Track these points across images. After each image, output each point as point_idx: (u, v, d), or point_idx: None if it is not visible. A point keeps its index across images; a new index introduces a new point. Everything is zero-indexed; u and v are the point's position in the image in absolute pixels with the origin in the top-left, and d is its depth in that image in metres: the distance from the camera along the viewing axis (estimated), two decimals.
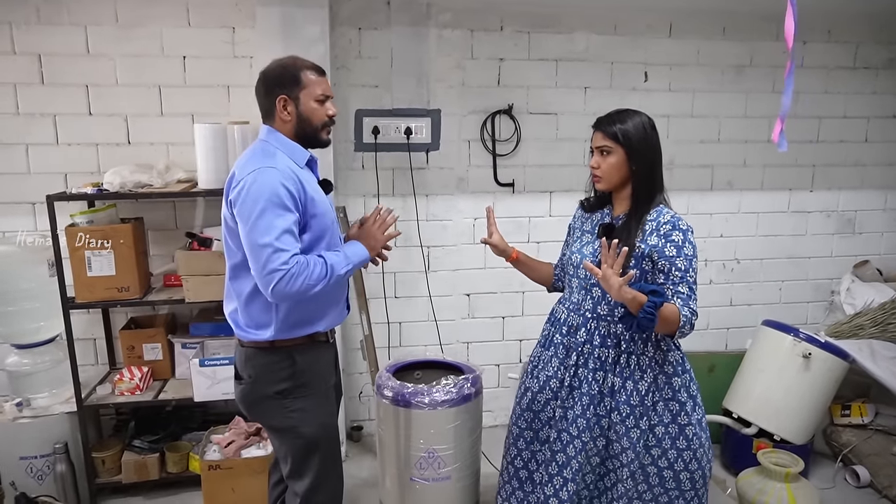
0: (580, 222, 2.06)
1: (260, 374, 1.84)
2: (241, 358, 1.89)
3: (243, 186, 1.67)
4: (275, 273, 1.64)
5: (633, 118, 1.88)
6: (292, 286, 1.65)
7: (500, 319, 3.42)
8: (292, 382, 1.83)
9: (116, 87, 2.87)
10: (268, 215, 1.64)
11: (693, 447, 1.93)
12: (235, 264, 1.80)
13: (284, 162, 1.74)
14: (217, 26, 2.88)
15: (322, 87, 1.80)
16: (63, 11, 2.77)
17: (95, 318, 3.00)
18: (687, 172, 3.44)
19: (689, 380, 1.96)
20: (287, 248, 1.65)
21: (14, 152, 2.85)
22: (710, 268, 3.58)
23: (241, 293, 1.82)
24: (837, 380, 2.90)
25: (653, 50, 3.27)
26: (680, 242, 1.81)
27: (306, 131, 1.81)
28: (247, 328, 1.83)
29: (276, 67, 1.80)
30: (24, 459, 2.67)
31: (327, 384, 1.95)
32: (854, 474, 2.94)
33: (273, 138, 1.81)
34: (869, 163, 3.62)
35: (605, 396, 1.93)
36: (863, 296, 3.31)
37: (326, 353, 1.95)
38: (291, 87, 1.77)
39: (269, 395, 1.84)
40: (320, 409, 1.89)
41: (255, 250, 1.66)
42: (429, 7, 3.04)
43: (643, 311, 1.68)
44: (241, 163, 1.76)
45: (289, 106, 1.78)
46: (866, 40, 3.46)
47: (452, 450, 2.30)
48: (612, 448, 1.95)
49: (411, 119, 3.12)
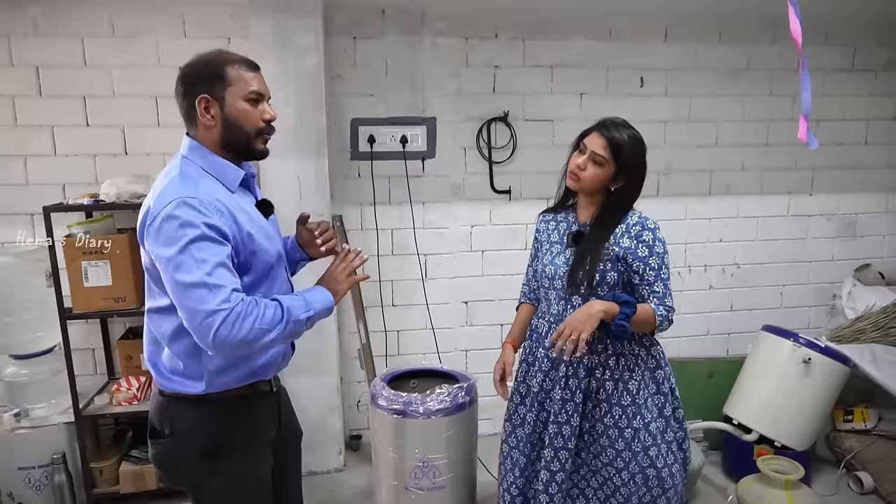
0: (546, 234, 2.03)
1: (185, 430, 1.51)
2: (158, 409, 1.55)
3: (157, 224, 1.36)
4: (214, 315, 1.31)
5: (634, 136, 1.84)
6: (238, 331, 1.33)
7: (499, 327, 3.41)
8: (223, 441, 1.52)
9: (113, 99, 2.89)
10: (192, 250, 1.33)
11: (678, 438, 1.95)
12: (156, 310, 1.50)
13: (210, 190, 1.42)
14: (213, 37, 2.90)
15: (255, 84, 1.48)
16: (60, 24, 2.80)
17: (94, 329, 3.02)
18: (685, 177, 3.43)
19: (670, 373, 1.98)
20: (223, 284, 1.34)
21: (12, 164, 2.87)
22: (709, 273, 3.56)
23: (164, 334, 1.49)
24: (838, 385, 2.87)
25: (648, 55, 3.27)
26: (650, 241, 1.82)
27: (235, 139, 1.48)
28: (169, 377, 1.51)
29: (196, 62, 1.48)
30: (22, 470, 2.68)
31: (267, 440, 1.64)
32: (857, 481, 2.91)
33: (195, 154, 1.48)
34: (869, 165, 3.59)
35: (600, 402, 1.91)
36: (864, 299, 3.28)
37: (269, 404, 1.65)
38: (214, 84, 1.44)
39: (194, 456, 1.52)
40: (256, 469, 1.59)
41: (183, 294, 1.34)
42: (423, 16, 3.05)
43: (614, 324, 1.73)
44: (157, 191, 1.42)
45: (212, 108, 1.45)
46: (864, 42, 3.44)
47: (447, 459, 2.29)
48: (600, 453, 1.93)
49: (407, 127, 3.13)
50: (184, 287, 1.34)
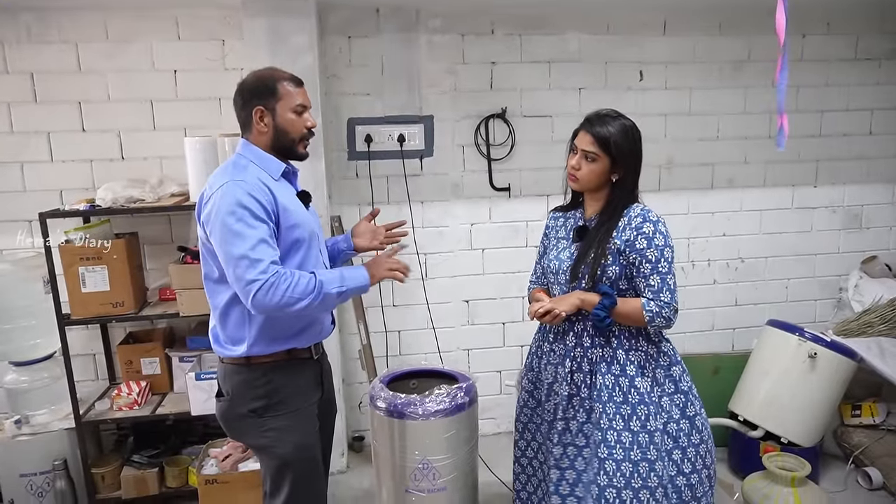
0: (555, 231, 2.05)
1: (237, 391, 1.81)
2: (220, 374, 1.87)
3: (213, 203, 1.66)
4: (252, 284, 1.60)
5: (622, 124, 1.84)
6: (272, 297, 1.61)
7: (501, 325, 3.39)
8: (267, 401, 1.79)
9: (109, 103, 2.88)
10: (240, 227, 1.62)
11: (705, 439, 1.91)
12: (211, 280, 1.79)
13: (255, 174, 1.72)
14: (206, 39, 2.89)
15: (300, 98, 1.79)
16: (53, 29, 2.79)
17: (95, 334, 3.01)
18: (686, 171, 3.39)
19: (684, 370, 1.95)
20: (262, 258, 1.62)
21: (9, 171, 2.87)
22: (713, 267, 3.52)
23: (217, 307, 1.80)
24: (845, 380, 2.82)
25: (647, 48, 3.23)
26: (650, 234, 1.80)
27: (283, 143, 1.79)
28: (224, 344, 1.81)
29: (252, 79, 1.79)
30: (24, 477, 2.68)
31: (309, 402, 1.89)
32: (866, 476, 2.87)
33: (248, 151, 1.79)
34: (874, 155, 3.54)
35: (604, 400, 1.88)
36: (871, 292, 3.23)
37: (309, 369, 1.90)
38: (268, 98, 1.75)
39: (244, 414, 1.80)
40: (297, 429, 1.83)
41: (231, 264, 1.64)
42: (418, 13, 3.02)
43: (592, 313, 1.79)
44: (211, 180, 1.74)
45: (265, 117, 1.76)
46: (867, 31, 3.39)
47: (448, 460, 2.26)
48: (607, 457, 1.89)
49: (404, 126, 3.10)
50: (231, 258, 1.62)
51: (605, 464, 1.84)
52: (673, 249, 1.84)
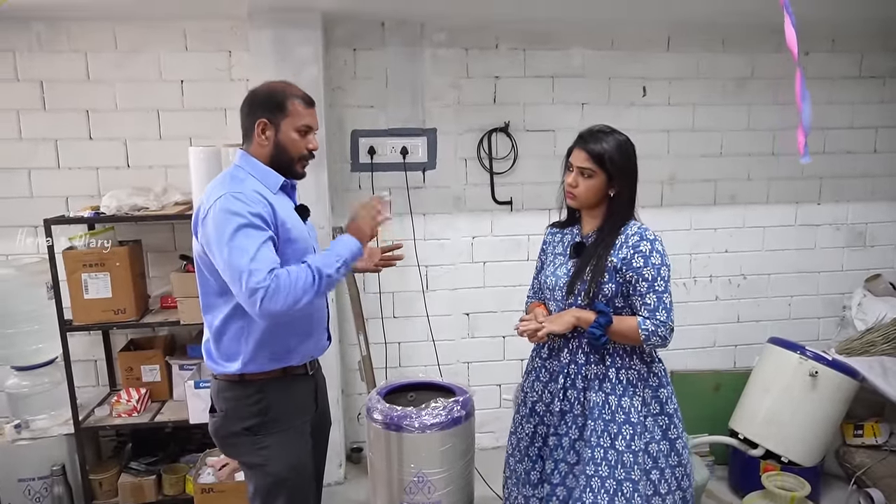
0: (552, 246, 2.04)
1: (230, 408, 1.77)
2: (213, 390, 1.84)
3: (210, 215, 1.63)
4: (255, 293, 1.56)
5: (616, 139, 1.85)
6: (276, 303, 1.57)
7: (501, 339, 3.38)
8: (262, 418, 1.76)
9: (116, 112, 2.92)
10: (239, 237, 1.58)
11: (683, 462, 1.90)
12: (208, 294, 1.75)
13: (252, 187, 1.68)
14: (214, 50, 2.92)
15: (307, 119, 1.75)
16: (63, 38, 2.83)
17: (96, 340, 3.03)
18: (689, 187, 3.39)
19: (672, 392, 1.94)
20: (262, 267, 1.58)
21: (17, 177, 2.91)
22: (715, 284, 3.51)
23: (212, 324, 1.76)
24: (847, 399, 2.80)
25: (651, 64, 3.24)
26: (647, 252, 1.80)
27: (282, 160, 1.75)
28: (217, 360, 1.77)
29: (264, 90, 1.75)
30: (22, 481, 2.69)
31: (303, 419, 1.85)
32: (868, 497, 2.83)
33: (245, 163, 1.75)
34: (879, 173, 3.53)
35: (595, 418, 1.87)
36: (875, 311, 3.21)
37: (304, 386, 1.86)
38: (275, 112, 1.71)
39: (238, 432, 1.76)
40: (291, 447, 1.80)
41: (232, 275, 1.60)
42: (423, 27, 3.05)
43: (587, 331, 1.80)
44: (208, 191, 1.70)
45: (268, 131, 1.72)
46: (871, 48, 3.39)
47: (443, 473, 2.26)
48: (593, 474, 1.88)
49: (407, 138, 3.12)
50: (232, 269, 1.59)
51: (592, 481, 1.84)
52: (670, 268, 1.84)
